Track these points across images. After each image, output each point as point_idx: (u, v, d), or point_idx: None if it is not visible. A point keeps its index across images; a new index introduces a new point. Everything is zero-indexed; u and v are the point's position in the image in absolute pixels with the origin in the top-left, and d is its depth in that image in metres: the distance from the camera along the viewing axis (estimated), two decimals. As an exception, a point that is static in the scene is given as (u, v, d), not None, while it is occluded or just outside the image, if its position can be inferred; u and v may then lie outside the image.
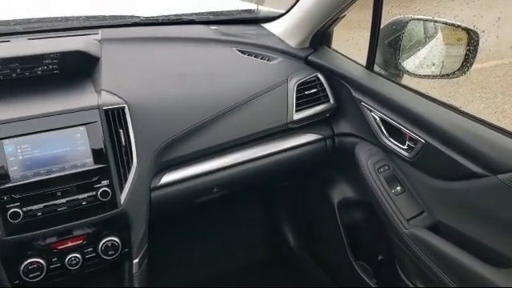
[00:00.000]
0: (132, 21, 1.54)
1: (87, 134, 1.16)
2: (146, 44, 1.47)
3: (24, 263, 1.12)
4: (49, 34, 1.41)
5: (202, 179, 1.38)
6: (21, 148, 1.10)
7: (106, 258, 1.20)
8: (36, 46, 1.32)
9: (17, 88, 1.23)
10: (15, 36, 1.36)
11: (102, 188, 1.15)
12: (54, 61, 1.28)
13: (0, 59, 1.21)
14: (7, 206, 1.07)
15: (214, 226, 1.90)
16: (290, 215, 1.99)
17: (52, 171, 1.12)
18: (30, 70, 1.27)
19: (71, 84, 1.28)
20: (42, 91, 1.23)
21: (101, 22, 1.50)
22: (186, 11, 1.67)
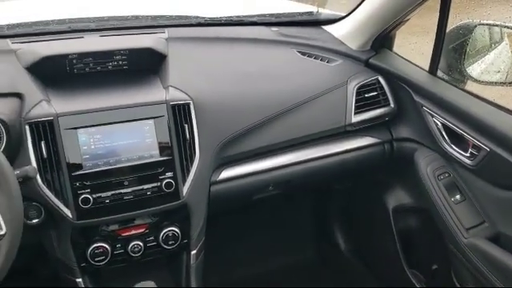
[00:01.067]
0: (196, 21, 1.58)
1: (155, 127, 1.21)
2: (209, 43, 1.51)
3: (91, 247, 1.19)
4: (119, 31, 1.48)
5: (259, 177, 1.41)
6: (93, 138, 1.17)
7: (166, 247, 1.25)
8: (108, 42, 1.39)
9: (89, 81, 1.30)
10: (88, 32, 1.44)
11: (166, 179, 1.20)
12: (123, 57, 1.35)
13: (75, 54, 1.29)
14: (79, 191, 1.14)
15: (265, 224, 1.92)
16: (341, 218, 1.98)
17: (121, 161, 1.18)
18: (101, 64, 1.34)
19: (139, 79, 1.34)
20: (113, 85, 1.30)
21: (167, 22, 1.55)
22: (249, 13, 1.70)
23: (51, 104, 1.16)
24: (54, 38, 1.38)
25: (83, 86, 1.28)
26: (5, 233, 0.94)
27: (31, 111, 1.14)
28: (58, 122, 1.13)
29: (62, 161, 1.13)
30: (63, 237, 1.17)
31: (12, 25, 1.42)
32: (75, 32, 1.42)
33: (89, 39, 1.40)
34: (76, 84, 1.28)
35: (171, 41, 1.42)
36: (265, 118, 1.37)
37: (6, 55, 1.27)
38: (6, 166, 0.95)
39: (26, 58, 1.25)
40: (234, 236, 1.84)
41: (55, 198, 1.13)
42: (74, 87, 1.26)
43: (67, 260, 1.19)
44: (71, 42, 1.36)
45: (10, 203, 0.94)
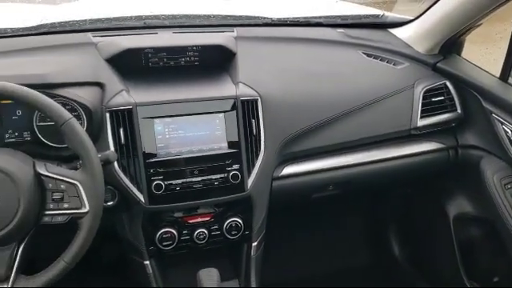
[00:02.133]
0: (264, 21, 1.62)
1: (224, 120, 1.26)
2: (276, 43, 1.55)
3: (160, 231, 1.25)
4: (190, 29, 1.54)
5: (320, 175, 1.42)
6: (168, 128, 1.23)
7: (229, 237, 1.29)
8: (181, 38, 1.46)
9: (163, 75, 1.37)
10: (162, 29, 1.51)
11: (233, 171, 1.24)
12: (195, 53, 1.41)
13: (152, 48, 1.36)
14: (152, 178, 1.20)
15: (320, 225, 1.93)
16: (397, 223, 1.95)
17: (192, 151, 1.24)
18: (174, 60, 1.41)
19: (209, 75, 1.39)
20: (185, 79, 1.36)
21: (236, 21, 1.60)
22: (315, 14, 1.72)
23: (130, 94, 1.23)
24: (131, 33, 1.46)
25: (158, 79, 1.35)
26: (88, 210, 1.01)
27: (112, 100, 1.22)
28: (137, 111, 1.20)
29: (138, 148, 1.20)
30: (135, 220, 1.23)
31: (93, 19, 1.51)
32: (150, 28, 1.49)
33: (162, 35, 1.47)
34: (151, 77, 1.35)
35: (240, 39, 1.47)
36: (329, 118, 1.39)
37: (87, 47, 1.35)
38: (92, 150, 1.02)
39: (106, 51, 1.33)
40: (288, 235, 1.86)
41: (130, 182, 1.20)
42: (149, 80, 1.33)
43: (137, 242, 1.25)
44: (147, 38, 1.43)
45: (93, 184, 1.01)
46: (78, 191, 1.00)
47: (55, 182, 1.01)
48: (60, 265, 1.00)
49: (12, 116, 1.21)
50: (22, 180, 0.97)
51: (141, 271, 1.28)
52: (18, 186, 0.96)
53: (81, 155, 1.01)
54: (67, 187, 1.00)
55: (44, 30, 1.42)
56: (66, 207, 1.00)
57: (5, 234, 0.95)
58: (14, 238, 0.98)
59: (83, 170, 1.02)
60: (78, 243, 1.00)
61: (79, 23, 1.49)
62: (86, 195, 1.00)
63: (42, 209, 1.00)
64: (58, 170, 1.03)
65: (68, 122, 1.00)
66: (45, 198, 1.00)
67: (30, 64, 1.25)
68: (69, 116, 1.01)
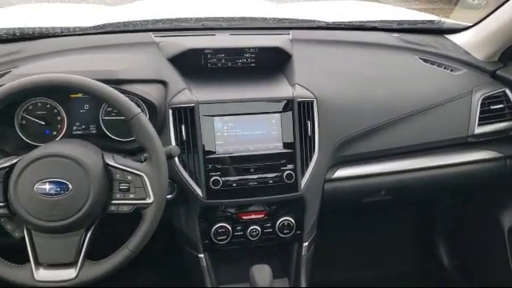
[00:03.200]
0: (318, 24, 1.64)
1: (281, 121, 1.29)
2: (331, 46, 1.56)
3: (215, 226, 1.29)
4: (247, 31, 1.58)
5: (373, 180, 1.42)
6: (227, 126, 1.27)
7: (281, 235, 1.32)
8: (239, 40, 1.49)
9: (221, 75, 1.41)
10: (219, 31, 1.55)
11: (287, 171, 1.27)
12: (252, 54, 1.45)
13: (211, 49, 1.40)
14: (210, 173, 1.24)
15: (369, 229, 1.92)
16: (447, 233, 1.91)
17: (249, 149, 1.27)
18: (232, 61, 1.45)
19: (265, 76, 1.42)
20: (242, 80, 1.40)
21: (292, 24, 1.63)
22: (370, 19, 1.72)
23: (192, 93, 1.28)
24: (190, 34, 1.51)
25: (216, 79, 1.39)
26: (152, 201, 1.05)
27: (175, 97, 1.27)
28: (199, 109, 1.24)
29: (198, 144, 1.24)
30: (192, 214, 1.28)
31: (155, 20, 1.58)
32: (208, 30, 1.54)
33: (220, 37, 1.51)
34: (209, 77, 1.39)
35: (295, 42, 1.49)
36: (384, 122, 1.39)
37: (149, 47, 1.41)
38: (159, 144, 1.07)
39: (168, 50, 1.38)
40: (336, 237, 1.86)
41: (189, 177, 1.24)
42: (207, 79, 1.38)
43: (193, 235, 1.30)
44: (206, 39, 1.48)
45: (158, 176, 1.06)
46: (143, 182, 1.05)
47: (122, 173, 1.06)
48: (124, 252, 1.05)
49: (79, 110, 1.28)
50: (92, 169, 1.03)
51: (195, 264, 1.32)
52: (89, 175, 1.02)
53: (147, 148, 1.06)
54: (133, 178, 1.05)
55: (109, 29, 1.50)
56: (132, 197, 1.05)
57: (76, 220, 1.01)
58: (83, 225, 1.04)
59: (149, 162, 1.07)
60: (141, 232, 1.05)
61: (141, 23, 1.55)
62: (151, 187, 1.05)
63: (109, 198, 1.06)
64: (126, 162, 1.08)
65: (137, 117, 1.05)
66: (112, 187, 1.06)
67: (98, 61, 1.32)
68: (138, 111, 1.06)
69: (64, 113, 1.27)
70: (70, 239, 1.03)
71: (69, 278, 1.02)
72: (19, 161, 1.03)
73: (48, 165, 1.02)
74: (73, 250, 1.03)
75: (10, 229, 1.08)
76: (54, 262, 1.03)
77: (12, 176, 1.01)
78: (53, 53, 1.37)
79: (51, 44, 1.42)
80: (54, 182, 1.00)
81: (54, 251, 1.03)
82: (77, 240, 1.04)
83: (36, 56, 1.35)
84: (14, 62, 1.33)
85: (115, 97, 1.05)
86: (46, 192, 1.00)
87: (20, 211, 1.00)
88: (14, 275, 1.02)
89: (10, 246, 1.07)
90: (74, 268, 1.03)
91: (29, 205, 1.00)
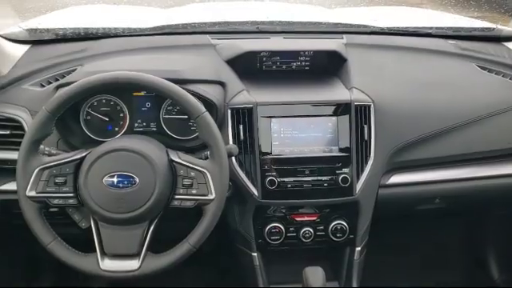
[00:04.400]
0: (372, 29, 1.63)
1: (337, 124, 1.29)
2: (386, 51, 1.55)
3: (268, 226, 1.30)
4: (300, 34, 1.59)
5: (428, 187, 1.40)
6: (284, 127, 1.28)
7: (333, 238, 1.32)
8: (294, 43, 1.51)
9: (276, 78, 1.44)
10: (273, 34, 1.57)
11: (342, 174, 1.27)
12: (307, 58, 1.46)
13: (267, 52, 1.43)
14: (266, 173, 1.26)
15: (418, 237, 1.89)
16: (498, 247, 1.86)
17: (304, 151, 1.28)
18: (286, 64, 1.47)
19: (320, 79, 1.43)
20: (297, 83, 1.41)
21: (345, 29, 1.63)
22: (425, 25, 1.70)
23: (251, 94, 1.30)
24: (245, 37, 1.54)
25: (271, 81, 1.41)
26: (214, 198, 1.08)
27: (234, 98, 1.29)
28: (257, 110, 1.26)
29: (255, 144, 1.26)
30: (246, 212, 1.29)
31: (212, 23, 1.62)
32: (262, 33, 1.56)
33: (275, 40, 1.53)
34: (264, 79, 1.42)
35: (349, 46, 1.49)
36: (441, 129, 1.37)
37: (207, 49, 1.45)
38: (222, 142, 1.09)
39: (226, 52, 1.41)
40: (383, 245, 1.84)
41: (245, 176, 1.26)
42: (263, 82, 1.40)
43: (246, 234, 1.31)
44: (261, 42, 1.50)
45: (220, 173, 1.08)
46: (205, 179, 1.08)
47: (186, 169, 1.09)
48: (185, 246, 1.07)
49: (142, 107, 1.33)
50: (158, 164, 1.06)
51: (248, 262, 1.33)
52: (155, 170, 1.05)
53: (211, 146, 1.09)
54: (197, 175, 1.08)
55: (167, 31, 1.54)
56: (194, 193, 1.08)
57: (142, 212, 1.05)
58: (147, 218, 1.08)
59: (212, 160, 1.10)
60: (202, 228, 1.07)
61: (199, 26, 1.59)
62: (213, 183, 1.08)
63: (173, 193, 1.09)
64: (190, 159, 1.11)
65: (203, 115, 1.08)
66: (176, 183, 1.09)
67: (160, 61, 1.36)
68: (203, 110, 1.09)
69: (127, 110, 1.32)
70: (134, 231, 1.07)
71: (132, 269, 1.05)
72: (89, 154, 1.08)
73: (117, 158, 1.06)
74: (136, 241, 1.07)
75: (77, 219, 1.13)
76: (118, 253, 1.06)
77: (82, 168, 1.06)
78: (115, 52, 1.43)
79: (114, 44, 1.48)
80: (122, 175, 1.04)
81: (119, 242, 1.06)
82: (140, 232, 1.07)
83: (100, 55, 1.41)
84: (80, 59, 1.39)
85: (183, 95, 1.08)
86: (114, 184, 1.04)
87: (89, 202, 1.04)
88: (81, 264, 1.06)
89: (72, 236, 1.12)
90: (137, 260, 1.06)
91: (97, 196, 1.04)
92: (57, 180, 1.06)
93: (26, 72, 1.35)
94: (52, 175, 1.06)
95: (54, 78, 1.35)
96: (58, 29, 1.50)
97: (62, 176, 1.06)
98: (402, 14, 1.96)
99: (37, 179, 1.05)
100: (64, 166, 1.07)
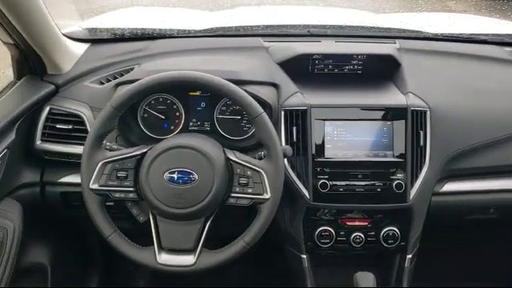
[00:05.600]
0: (425, 35, 1.61)
1: (393, 129, 1.27)
2: (440, 57, 1.52)
3: (319, 229, 1.30)
4: (352, 38, 1.59)
5: (482, 196, 1.37)
6: (337, 130, 1.28)
7: (384, 245, 1.30)
8: (346, 47, 1.50)
9: (328, 81, 1.43)
10: (325, 38, 1.57)
11: (396, 180, 1.25)
12: (360, 62, 1.45)
13: (319, 55, 1.43)
14: (319, 176, 1.26)
15: (467, 247, 1.84)
16: None
17: (358, 155, 1.27)
18: (339, 67, 1.46)
19: (373, 84, 1.42)
20: (350, 86, 1.41)
21: (398, 34, 1.61)
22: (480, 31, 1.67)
23: (304, 96, 1.31)
24: (296, 40, 1.55)
25: (323, 84, 1.41)
26: (269, 197, 1.09)
27: (288, 100, 1.30)
28: (311, 113, 1.27)
29: (308, 147, 1.26)
30: (297, 214, 1.30)
31: (264, 26, 1.63)
32: (313, 36, 1.57)
33: (326, 43, 1.53)
34: (317, 82, 1.42)
35: (402, 51, 1.48)
36: (500, 137, 1.33)
37: (259, 51, 1.46)
38: (279, 143, 1.10)
39: (278, 55, 1.42)
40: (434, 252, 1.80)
41: (297, 178, 1.26)
42: (315, 84, 1.40)
43: (296, 236, 1.31)
44: (313, 45, 1.50)
45: (276, 173, 1.09)
46: (261, 179, 1.09)
47: (243, 168, 1.10)
48: (240, 244, 1.08)
49: (197, 107, 1.36)
50: (217, 162, 1.08)
51: (297, 264, 1.33)
52: (214, 168, 1.07)
53: (268, 146, 1.10)
54: (253, 174, 1.09)
55: (220, 33, 1.57)
56: (250, 192, 1.09)
57: (199, 209, 1.06)
58: (204, 214, 1.09)
59: (268, 160, 1.10)
60: (257, 226, 1.08)
61: (251, 28, 1.61)
62: (269, 183, 1.08)
63: (229, 191, 1.10)
64: (246, 158, 1.12)
65: (261, 116, 1.09)
66: (232, 181, 1.10)
67: (216, 62, 1.38)
68: (262, 110, 1.10)
69: (182, 109, 1.34)
70: (191, 227, 1.09)
71: (188, 264, 1.07)
72: (150, 150, 1.11)
73: (177, 155, 1.08)
74: (193, 237, 1.08)
75: (136, 213, 1.16)
76: (175, 248, 1.08)
77: (143, 164, 1.09)
78: (171, 52, 1.46)
79: (168, 44, 1.51)
80: (182, 171, 1.07)
81: (176, 237, 1.08)
82: (197, 228, 1.09)
83: (156, 55, 1.45)
84: (137, 59, 1.44)
85: (243, 96, 1.10)
86: (174, 180, 1.06)
87: (149, 196, 1.07)
88: (139, 256, 1.08)
89: (124, 230, 1.14)
90: (193, 255, 1.08)
91: (158, 191, 1.06)
92: (119, 174, 1.09)
93: (87, 70, 1.41)
94: (114, 169, 1.09)
95: (113, 76, 1.40)
96: (116, 29, 1.55)
97: (124, 170, 1.09)
98: (457, 20, 1.93)
99: (100, 173, 1.08)
100: (126, 161, 1.10)
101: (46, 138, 1.30)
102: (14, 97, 1.29)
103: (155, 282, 1.82)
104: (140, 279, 1.82)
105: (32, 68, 1.34)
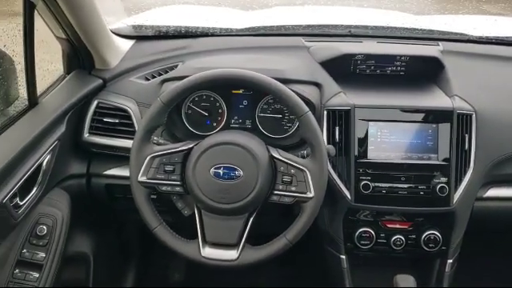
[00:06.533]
0: (469, 38, 1.58)
1: (438, 132, 1.26)
2: (486, 60, 1.49)
3: (359, 230, 1.29)
4: (394, 40, 1.57)
5: None
6: (381, 131, 1.27)
7: (425, 248, 1.28)
8: (389, 48, 1.49)
9: (370, 82, 1.43)
10: (366, 38, 1.56)
11: (440, 184, 1.24)
12: (403, 63, 1.44)
13: (362, 55, 1.42)
14: (361, 177, 1.25)
15: (508, 254, 1.79)
16: None
17: (401, 157, 1.26)
18: (381, 68, 1.45)
19: (417, 85, 1.41)
20: (393, 88, 1.40)
21: (441, 36, 1.59)
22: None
23: (348, 96, 1.30)
24: (337, 40, 1.54)
25: (366, 84, 1.40)
26: (312, 196, 1.09)
27: (331, 100, 1.30)
28: (354, 113, 1.26)
29: (350, 147, 1.26)
30: (337, 215, 1.29)
31: (305, 25, 1.63)
32: (355, 37, 1.56)
33: (368, 44, 1.52)
34: (359, 82, 1.41)
35: (446, 53, 1.46)
36: None
37: (300, 50, 1.47)
38: (323, 142, 1.10)
39: (320, 54, 1.43)
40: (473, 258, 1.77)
41: (338, 178, 1.26)
42: (358, 85, 1.39)
43: (336, 236, 1.31)
44: (355, 45, 1.50)
45: (320, 172, 1.09)
46: (305, 177, 1.09)
47: (287, 166, 1.11)
48: (282, 241, 1.09)
49: (239, 105, 1.37)
50: (261, 159, 1.09)
51: (335, 264, 1.33)
52: (259, 165, 1.08)
53: (313, 145, 1.10)
54: (296, 172, 1.10)
55: (262, 32, 1.58)
56: (294, 190, 1.10)
57: (243, 205, 1.08)
58: (247, 210, 1.10)
59: (313, 159, 1.11)
60: (300, 224, 1.08)
61: (293, 28, 1.62)
62: (313, 182, 1.09)
63: (272, 188, 1.11)
64: (290, 156, 1.13)
65: (307, 114, 1.10)
66: (275, 178, 1.11)
67: (260, 60, 1.39)
68: (307, 109, 1.10)
69: (225, 106, 1.36)
70: (234, 222, 1.10)
71: (231, 259, 1.08)
72: (196, 145, 1.13)
73: (224, 151, 1.09)
74: (236, 232, 1.10)
75: (180, 206, 1.18)
76: (219, 242, 1.10)
77: (190, 158, 1.11)
78: (213, 50, 1.48)
79: (211, 42, 1.53)
80: (228, 167, 1.08)
81: (220, 232, 1.10)
82: (240, 224, 1.10)
83: (199, 52, 1.47)
84: (181, 56, 1.46)
85: (290, 94, 1.10)
86: (220, 176, 1.08)
87: (195, 191, 1.08)
88: (184, 249, 1.10)
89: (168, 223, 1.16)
90: (236, 250, 1.09)
91: (204, 186, 1.08)
92: (166, 168, 1.11)
93: (132, 66, 1.44)
94: (162, 163, 1.11)
95: (157, 72, 1.43)
96: (161, 26, 1.58)
97: (171, 164, 1.11)
98: (502, 23, 1.88)
99: (148, 166, 1.11)
100: (173, 156, 1.12)
101: (93, 131, 1.34)
102: (65, 90, 1.33)
103: (189, 276, 1.84)
104: (175, 272, 1.85)
105: (81, 62, 1.38)
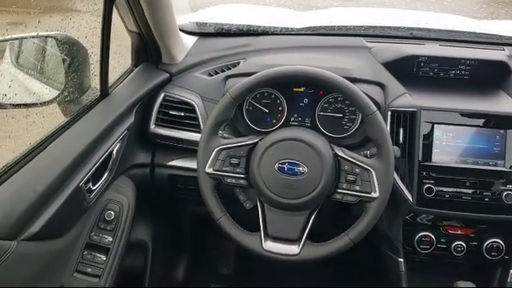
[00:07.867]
0: None
1: (506, 138, 1.23)
2: None
3: (419, 234, 1.28)
4: (456, 43, 1.54)
5: None
6: (446, 135, 1.25)
7: (487, 256, 1.25)
8: (453, 51, 1.46)
9: (433, 85, 1.40)
10: (428, 41, 1.54)
11: (506, 191, 1.20)
12: (467, 67, 1.41)
13: (426, 57, 1.41)
14: (424, 180, 1.23)
15: None
16: None
17: (466, 162, 1.24)
18: (444, 71, 1.43)
19: (482, 90, 1.38)
20: (457, 91, 1.37)
21: (507, 41, 1.54)
22: None
23: (413, 98, 1.29)
24: (398, 41, 1.53)
25: (430, 87, 1.38)
26: (377, 196, 1.08)
27: (395, 100, 1.29)
28: (420, 115, 1.25)
29: (414, 149, 1.24)
30: (397, 217, 1.28)
31: (367, 26, 1.63)
32: (416, 39, 1.54)
33: (430, 47, 1.50)
34: (422, 84, 1.39)
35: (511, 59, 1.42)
36: None
37: (362, 51, 1.47)
38: (390, 142, 1.09)
39: (382, 55, 1.42)
40: None
41: (400, 180, 1.25)
42: (422, 87, 1.37)
43: (395, 239, 1.30)
44: (417, 47, 1.48)
45: (386, 172, 1.09)
46: (370, 177, 1.09)
47: (351, 165, 1.11)
48: (344, 239, 1.09)
49: (299, 103, 1.38)
50: (326, 157, 1.10)
51: (393, 268, 1.32)
52: (323, 162, 1.09)
53: (379, 145, 1.10)
54: (361, 172, 1.10)
55: (322, 32, 1.59)
56: (357, 189, 1.10)
57: (306, 201, 1.09)
58: (310, 207, 1.11)
59: (378, 158, 1.10)
60: (363, 224, 1.08)
61: (354, 28, 1.61)
62: (378, 182, 1.08)
63: (335, 186, 1.11)
64: (354, 155, 1.13)
65: (374, 114, 1.09)
66: (339, 177, 1.11)
67: (323, 59, 1.40)
68: (375, 109, 1.10)
69: (286, 104, 1.37)
70: (296, 218, 1.11)
71: (292, 254, 1.10)
72: (261, 140, 1.14)
73: (288, 147, 1.11)
74: (298, 228, 1.11)
75: (243, 199, 1.20)
76: (280, 236, 1.11)
77: (255, 152, 1.13)
78: (275, 49, 1.50)
79: (272, 41, 1.55)
80: (293, 163, 1.09)
81: (282, 226, 1.11)
82: (302, 220, 1.11)
83: (261, 50, 1.49)
84: (243, 54, 1.49)
85: (359, 94, 1.11)
86: (284, 171, 1.09)
87: (259, 184, 1.10)
88: (246, 241, 1.12)
89: None
90: (297, 245, 1.10)
91: (268, 180, 1.10)
92: (232, 161, 1.14)
93: (197, 61, 1.48)
94: (228, 156, 1.14)
95: (221, 68, 1.46)
96: (224, 24, 1.61)
97: (237, 158, 1.14)
98: None
99: (215, 158, 1.14)
100: (239, 149, 1.14)
101: (159, 123, 1.39)
102: (133, 82, 1.38)
103: (238, 269, 1.87)
104: (224, 265, 1.88)
105: (149, 56, 1.43)
